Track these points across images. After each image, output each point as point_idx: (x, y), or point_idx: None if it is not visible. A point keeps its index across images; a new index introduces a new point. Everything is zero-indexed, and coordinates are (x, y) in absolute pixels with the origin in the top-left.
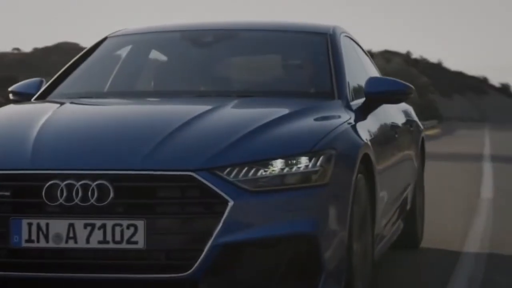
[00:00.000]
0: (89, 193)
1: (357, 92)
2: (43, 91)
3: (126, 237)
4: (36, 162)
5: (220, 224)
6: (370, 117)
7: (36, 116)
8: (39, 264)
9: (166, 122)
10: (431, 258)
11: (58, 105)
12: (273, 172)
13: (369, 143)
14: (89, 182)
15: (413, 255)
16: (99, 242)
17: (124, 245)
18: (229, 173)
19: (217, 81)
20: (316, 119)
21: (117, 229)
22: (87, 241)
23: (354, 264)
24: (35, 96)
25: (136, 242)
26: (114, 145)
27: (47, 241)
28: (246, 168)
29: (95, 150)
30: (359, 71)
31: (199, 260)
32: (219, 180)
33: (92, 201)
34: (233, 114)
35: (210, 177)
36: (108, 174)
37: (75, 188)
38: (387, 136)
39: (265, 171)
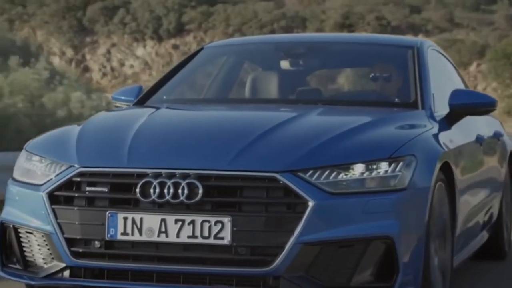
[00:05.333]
0: (180, 190)
1: (443, 104)
2: (141, 97)
3: (213, 233)
4: (132, 161)
5: (301, 224)
6: (453, 128)
7: (133, 119)
8: (133, 255)
9: (253, 127)
10: None
11: (154, 109)
12: (353, 175)
13: (450, 152)
14: (180, 181)
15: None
16: (189, 237)
17: (211, 240)
18: (311, 175)
19: (306, 91)
20: (397, 127)
21: (205, 225)
22: (177, 236)
23: (432, 269)
24: (133, 102)
25: (222, 238)
26: (204, 146)
27: (141, 235)
28: (327, 171)
29: (186, 151)
30: (446, 84)
31: (281, 256)
32: (301, 181)
33: (182, 198)
34: (318, 120)
35: (293, 179)
36: (197, 173)
37: (167, 185)
38: (471, 147)
39: (345, 174)
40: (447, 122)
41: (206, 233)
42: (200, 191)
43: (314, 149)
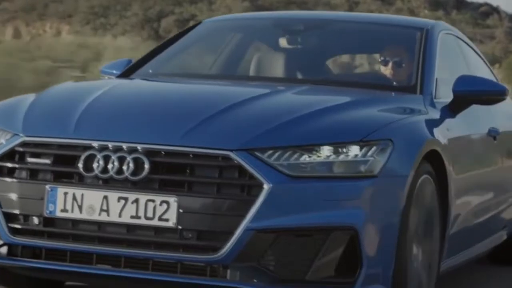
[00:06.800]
0: (125, 166)
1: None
2: (126, 70)
3: (158, 213)
4: (79, 132)
5: (254, 208)
6: (458, 117)
7: (95, 89)
8: (72, 235)
9: (217, 101)
10: None
11: (123, 80)
12: (318, 158)
13: (443, 141)
14: (125, 155)
15: None
16: (131, 217)
17: (155, 222)
18: (269, 156)
19: (300, 69)
20: (382, 110)
21: (150, 205)
22: (119, 215)
23: (410, 269)
24: (117, 75)
25: (167, 220)
26: (158, 119)
27: (81, 212)
28: (289, 152)
29: (138, 123)
30: (462, 71)
31: (230, 243)
32: (258, 162)
33: (126, 174)
34: (291, 98)
35: (249, 158)
36: (145, 148)
37: (111, 159)
38: (479, 140)
39: (309, 156)
40: (450, 110)
41: (150, 214)
42: (147, 167)
43: (277, 127)
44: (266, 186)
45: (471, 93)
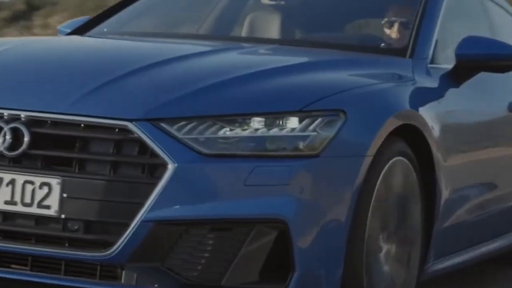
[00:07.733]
0: (0, 138)
1: None
2: (78, 28)
3: (37, 199)
4: None
5: (155, 194)
6: (462, 87)
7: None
8: None
9: (131, 61)
10: None
11: (41, 38)
12: (243, 132)
13: (427, 115)
14: (2, 125)
15: None
16: (6, 203)
17: (34, 209)
18: (180, 128)
19: (276, 28)
20: (345, 74)
21: (28, 187)
22: None
23: (374, 272)
24: (66, 33)
25: (48, 207)
26: (52, 82)
27: None
28: (206, 124)
29: (20, 87)
30: (480, 34)
31: (123, 237)
32: (163, 135)
33: (1, 148)
34: (231, 59)
35: (152, 131)
36: (29, 116)
37: None
38: (495, 115)
39: (231, 130)
40: (451, 78)
41: (28, 199)
42: (26, 139)
43: (194, 93)
44: (170, 166)
45: (476, 58)
